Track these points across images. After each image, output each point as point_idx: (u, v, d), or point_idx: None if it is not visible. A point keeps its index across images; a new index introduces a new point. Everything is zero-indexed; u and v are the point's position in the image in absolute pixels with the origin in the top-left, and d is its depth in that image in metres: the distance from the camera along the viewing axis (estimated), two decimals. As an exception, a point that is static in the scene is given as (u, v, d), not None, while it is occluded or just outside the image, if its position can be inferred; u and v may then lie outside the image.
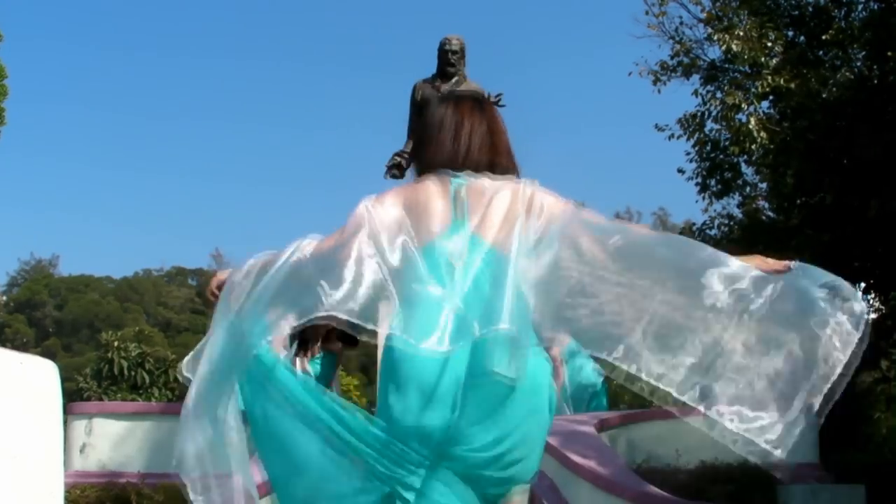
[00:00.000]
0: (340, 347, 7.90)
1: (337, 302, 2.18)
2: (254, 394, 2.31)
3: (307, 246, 2.31)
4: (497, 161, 2.42)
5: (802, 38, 11.80)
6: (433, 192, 2.34)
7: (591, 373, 8.55)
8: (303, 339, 7.11)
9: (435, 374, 2.13)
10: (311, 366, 7.70)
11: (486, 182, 2.34)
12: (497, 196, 2.31)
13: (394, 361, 2.18)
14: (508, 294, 2.14)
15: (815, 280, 2.25)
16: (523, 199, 2.30)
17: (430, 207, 2.32)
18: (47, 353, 19.25)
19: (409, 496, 2.16)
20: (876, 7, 10.00)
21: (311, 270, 2.26)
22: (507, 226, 2.26)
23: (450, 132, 2.43)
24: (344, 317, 2.17)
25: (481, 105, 2.54)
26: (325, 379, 7.88)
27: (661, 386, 2.13)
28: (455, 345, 2.13)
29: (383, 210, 2.31)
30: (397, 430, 2.16)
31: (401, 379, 2.17)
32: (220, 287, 2.42)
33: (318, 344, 7.55)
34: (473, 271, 2.22)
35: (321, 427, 2.23)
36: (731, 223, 12.94)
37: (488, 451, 2.17)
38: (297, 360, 7.18)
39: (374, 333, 2.24)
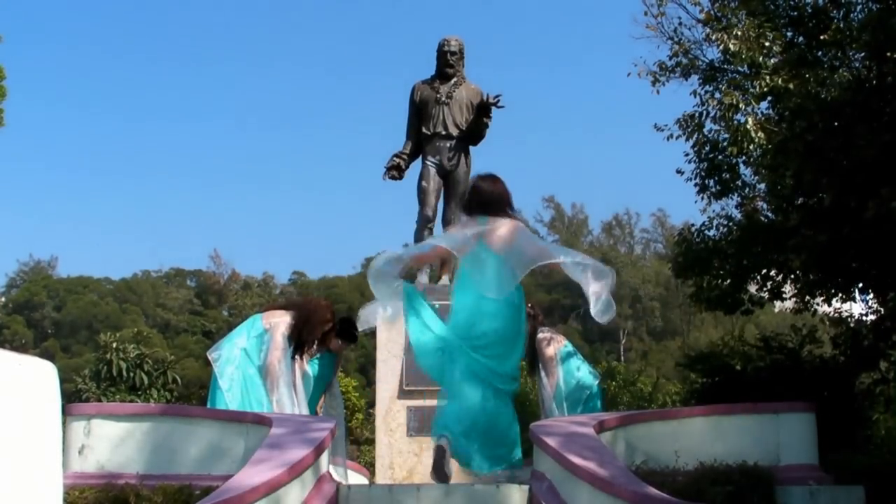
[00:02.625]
0: (339, 346, 7.87)
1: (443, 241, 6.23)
2: (410, 302, 5.89)
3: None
4: (504, 210, 5.96)
5: (801, 38, 11.80)
6: (471, 227, 5.81)
7: (587, 375, 8.55)
8: (299, 343, 7.11)
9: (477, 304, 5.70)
10: (310, 366, 7.67)
11: (497, 221, 5.83)
12: (500, 230, 5.78)
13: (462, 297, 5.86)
14: (503, 273, 5.70)
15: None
16: (512, 230, 5.82)
17: (468, 234, 5.79)
18: (46, 355, 19.22)
19: (457, 358, 5.66)
20: (874, 8, 10.00)
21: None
22: (503, 242, 5.73)
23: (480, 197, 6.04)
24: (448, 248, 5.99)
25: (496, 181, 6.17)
26: (324, 379, 7.86)
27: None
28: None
29: (453, 231, 6.38)
30: (455, 329, 5.73)
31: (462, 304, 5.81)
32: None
33: (316, 346, 7.53)
34: (488, 263, 5.72)
35: (429, 320, 5.82)
36: (730, 224, 12.94)
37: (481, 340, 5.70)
38: (295, 361, 7.17)
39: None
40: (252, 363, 6.86)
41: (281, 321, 6.97)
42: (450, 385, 5.73)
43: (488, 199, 5.92)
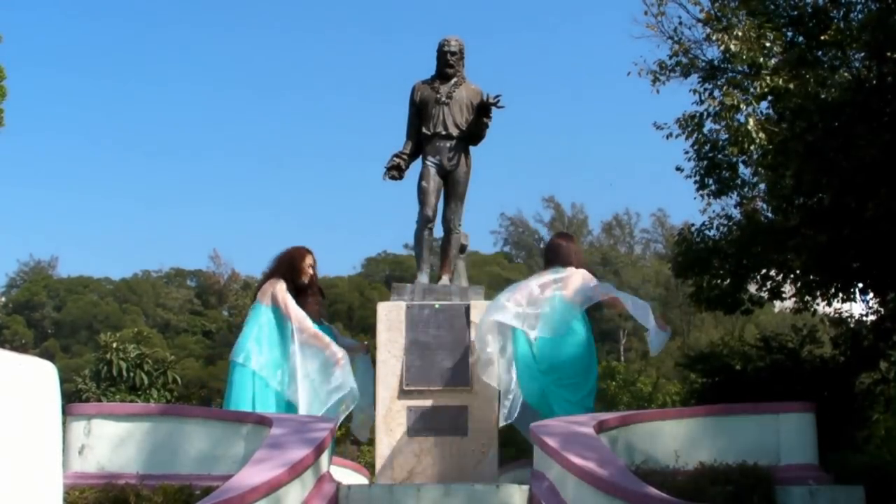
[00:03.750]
0: (317, 305, 7.95)
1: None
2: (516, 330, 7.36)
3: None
4: (575, 263, 7.73)
5: (801, 38, 11.80)
6: (546, 276, 7.59)
7: None
8: (296, 290, 7.63)
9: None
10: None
11: (569, 271, 7.58)
12: (571, 278, 7.49)
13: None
14: (572, 313, 7.39)
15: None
16: (580, 278, 7.49)
17: (544, 282, 7.52)
18: (46, 355, 19.22)
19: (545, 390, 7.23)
20: (874, 7, 10.00)
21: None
22: (573, 289, 7.41)
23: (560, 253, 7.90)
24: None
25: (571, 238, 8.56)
26: None
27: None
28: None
29: (533, 287, 7.52)
30: (540, 362, 7.24)
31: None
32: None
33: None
34: (557, 304, 7.35)
35: (524, 349, 7.29)
36: (730, 224, 12.93)
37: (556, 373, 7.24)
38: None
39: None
40: (272, 352, 7.26)
41: (275, 289, 7.49)
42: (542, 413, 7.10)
43: (565, 254, 7.80)
